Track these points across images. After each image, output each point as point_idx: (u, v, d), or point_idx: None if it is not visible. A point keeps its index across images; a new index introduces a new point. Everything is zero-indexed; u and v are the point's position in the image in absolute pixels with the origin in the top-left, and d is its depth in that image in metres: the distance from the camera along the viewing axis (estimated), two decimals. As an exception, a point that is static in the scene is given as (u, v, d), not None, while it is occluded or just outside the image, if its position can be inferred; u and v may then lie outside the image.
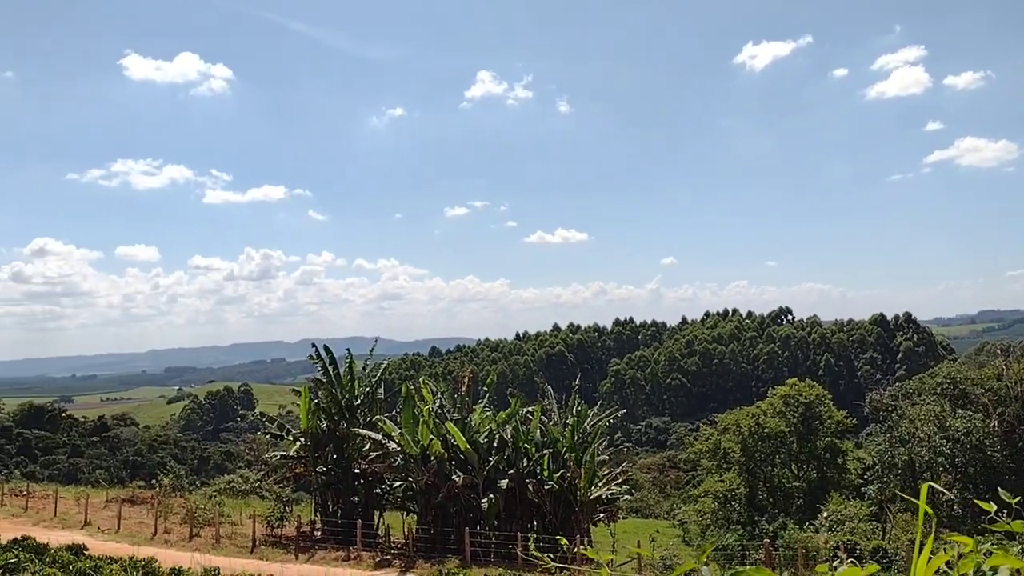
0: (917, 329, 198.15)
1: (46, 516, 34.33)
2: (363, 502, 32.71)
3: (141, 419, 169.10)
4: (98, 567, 14.33)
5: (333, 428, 32.68)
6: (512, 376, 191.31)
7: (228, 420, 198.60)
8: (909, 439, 46.74)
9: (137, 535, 30.98)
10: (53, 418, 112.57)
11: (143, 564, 18.29)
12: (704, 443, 61.02)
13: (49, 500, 36.96)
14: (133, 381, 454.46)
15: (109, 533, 31.13)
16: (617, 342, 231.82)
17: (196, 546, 28.97)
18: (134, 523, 33.04)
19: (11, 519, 33.42)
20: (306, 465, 33.17)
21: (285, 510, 33.48)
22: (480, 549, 27.56)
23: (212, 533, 30.94)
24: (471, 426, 30.35)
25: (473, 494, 28.70)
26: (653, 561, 24.92)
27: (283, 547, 29.87)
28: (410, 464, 29.70)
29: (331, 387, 33.09)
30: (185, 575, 15.03)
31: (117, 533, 31.17)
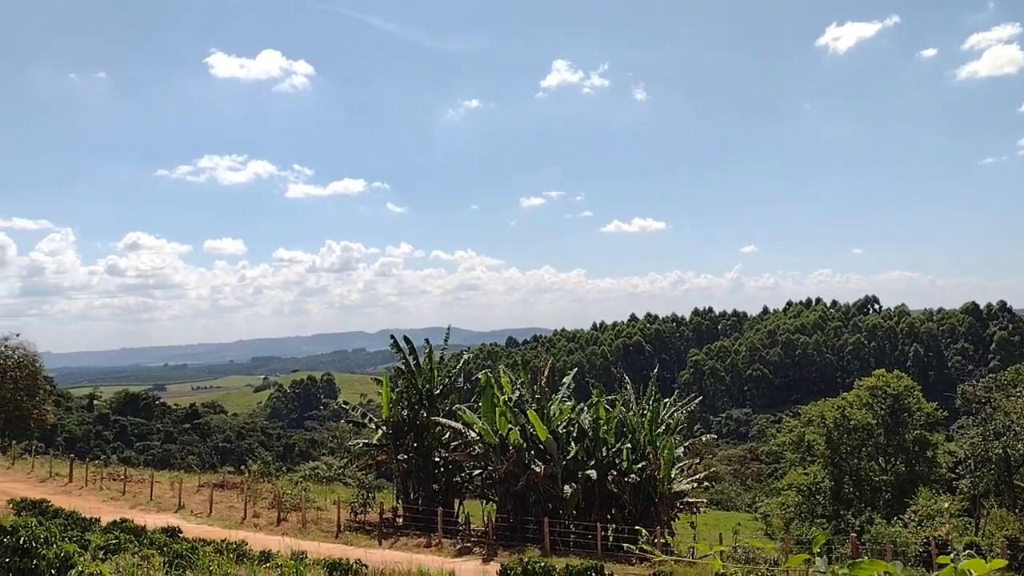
0: (1012, 318, 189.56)
1: (142, 500, 35.75)
2: (443, 490, 33.15)
3: (229, 407, 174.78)
4: (193, 549, 14.90)
5: (414, 417, 33.19)
6: (589, 366, 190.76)
7: (312, 408, 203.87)
8: (1004, 432, 44.83)
9: (228, 519, 32.05)
10: (147, 406, 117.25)
11: (235, 547, 18.90)
12: (787, 435, 59.82)
13: (145, 484, 38.50)
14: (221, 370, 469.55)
15: (201, 516, 32.28)
16: (696, 332, 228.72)
17: (284, 530, 29.80)
18: (225, 507, 34.18)
19: (110, 502, 34.90)
20: (388, 453, 33.76)
21: (368, 497, 34.18)
22: (560, 539, 27.64)
23: (299, 518, 31.79)
24: (550, 416, 30.40)
25: (552, 484, 28.77)
26: (736, 555, 24.57)
27: (366, 533, 30.50)
28: (489, 453, 29.95)
29: (411, 376, 33.59)
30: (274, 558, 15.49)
31: (209, 517, 32.30)
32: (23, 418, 59.75)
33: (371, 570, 14.66)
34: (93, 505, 31.75)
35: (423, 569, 16.51)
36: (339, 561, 13.57)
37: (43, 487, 37.11)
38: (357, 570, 13.35)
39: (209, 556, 14.26)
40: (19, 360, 60.09)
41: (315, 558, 19.17)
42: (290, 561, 10.91)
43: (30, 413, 60.13)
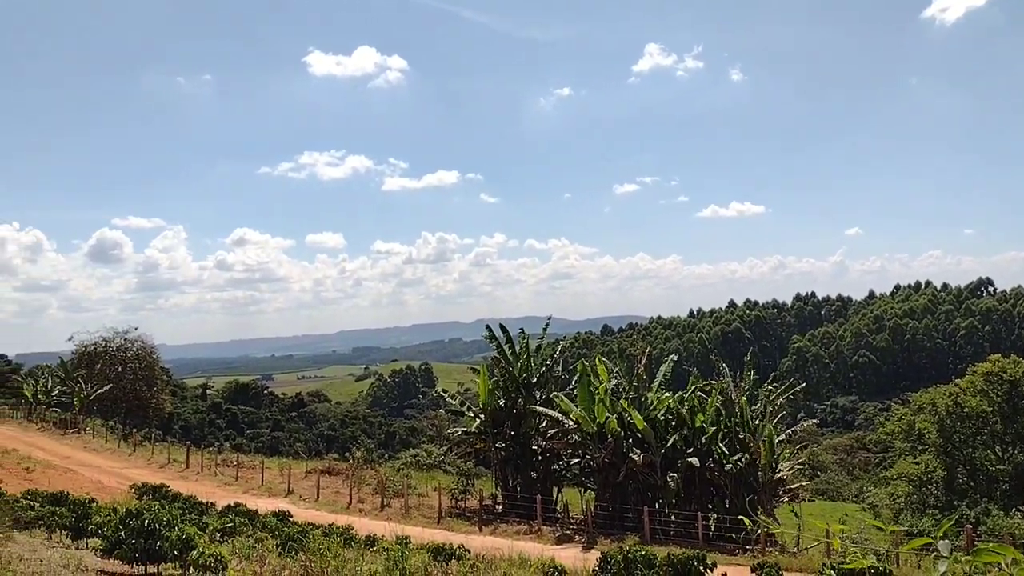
0: None
1: (254, 485, 37.23)
2: (541, 478, 33.36)
3: (333, 396, 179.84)
4: (304, 532, 15.51)
5: (511, 405, 33.48)
6: (686, 354, 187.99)
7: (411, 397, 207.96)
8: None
9: (334, 504, 33.10)
10: (256, 395, 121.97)
11: (341, 531, 19.55)
12: (896, 423, 57.74)
13: (256, 470, 40.07)
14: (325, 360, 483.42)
15: (309, 502, 33.42)
16: (798, 318, 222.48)
17: (387, 515, 30.58)
18: (331, 493, 35.29)
19: (224, 487, 36.48)
20: (486, 441, 34.19)
21: (468, 484, 34.70)
22: (659, 528, 27.47)
23: (401, 504, 32.55)
24: (647, 404, 30.19)
25: (651, 472, 28.60)
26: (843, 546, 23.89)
27: (467, 519, 31.00)
28: (587, 442, 29.97)
29: (508, 365, 33.89)
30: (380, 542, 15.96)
31: (316, 502, 33.41)
32: (143, 407, 63.11)
33: (473, 555, 14.93)
34: (208, 490, 33.30)
35: (524, 555, 16.71)
36: (443, 546, 13.87)
37: (162, 473, 39.08)
38: (460, 555, 13.63)
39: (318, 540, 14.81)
40: (138, 352, 63.43)
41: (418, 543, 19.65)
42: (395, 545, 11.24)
43: (149, 403, 63.46)
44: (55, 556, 11.92)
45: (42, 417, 57.50)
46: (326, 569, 9.57)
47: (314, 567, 9.53)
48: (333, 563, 9.86)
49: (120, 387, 59.97)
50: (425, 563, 11.57)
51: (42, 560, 11.31)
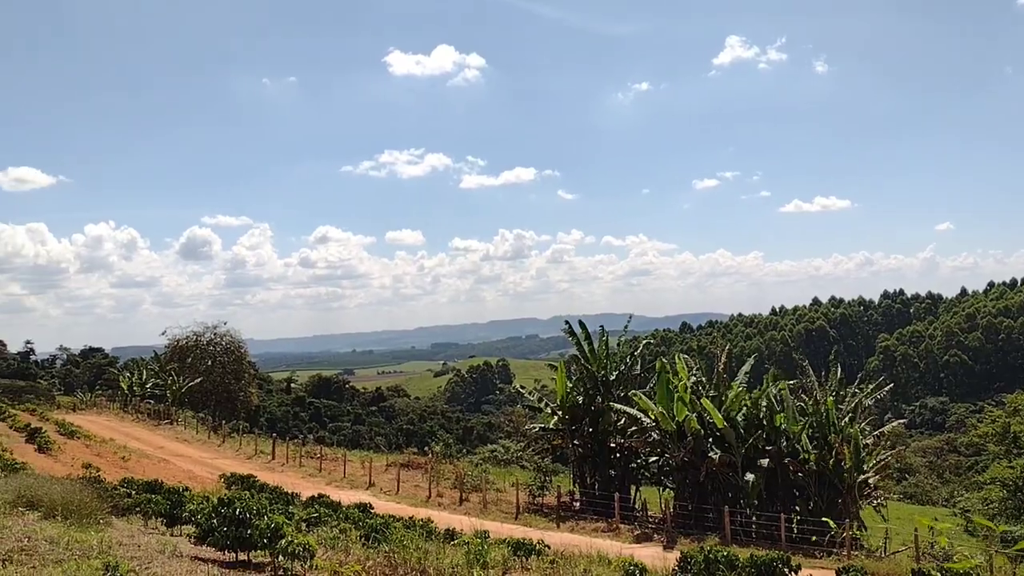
0: None
1: (336, 477, 38.09)
2: (619, 476, 33.20)
3: (412, 391, 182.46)
4: (386, 524, 15.80)
5: (589, 402, 33.42)
6: (768, 353, 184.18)
7: (488, 393, 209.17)
8: None
9: (414, 497, 33.61)
10: (338, 389, 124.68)
11: (422, 524, 19.86)
12: (990, 425, 55.38)
13: (339, 462, 40.99)
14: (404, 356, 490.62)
15: (390, 494, 34.01)
16: (885, 316, 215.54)
17: (466, 510, 30.89)
18: (411, 486, 35.85)
19: (308, 478, 37.42)
20: (563, 438, 34.22)
21: (545, 480, 34.78)
22: (740, 528, 27.04)
23: (479, 499, 32.84)
24: (728, 403, 29.73)
25: (731, 472, 28.17)
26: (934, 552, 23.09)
27: (544, 515, 31.07)
28: (666, 440, 29.70)
29: (586, 362, 33.82)
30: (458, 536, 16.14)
31: (397, 495, 33.98)
32: (231, 400, 65.23)
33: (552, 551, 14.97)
34: (293, 481, 34.22)
35: (602, 553, 16.67)
36: (522, 541, 13.97)
37: (250, 463, 40.31)
38: (540, 550, 13.69)
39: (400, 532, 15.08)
40: (227, 346, 65.60)
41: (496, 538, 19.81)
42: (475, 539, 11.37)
43: (237, 395, 65.56)
44: (151, 542, 12.44)
45: (137, 408, 60.03)
46: (409, 560, 9.76)
47: (397, 558, 9.72)
48: (416, 555, 10.04)
49: (210, 380, 62.13)
50: (505, 557, 11.67)
51: (139, 546, 11.81)
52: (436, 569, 9.68)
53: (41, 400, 63.41)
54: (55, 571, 8.91)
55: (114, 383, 73.24)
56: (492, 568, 10.62)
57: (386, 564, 9.65)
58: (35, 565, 9.21)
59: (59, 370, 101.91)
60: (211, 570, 10.04)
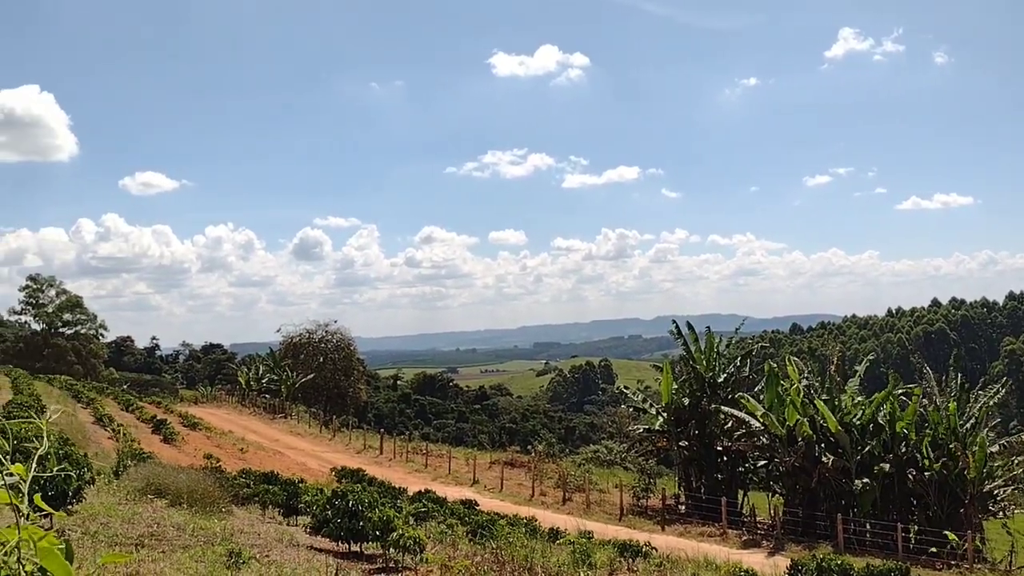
0: None
1: (441, 473, 38.71)
2: (726, 480, 32.54)
3: (514, 390, 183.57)
4: (491, 521, 16.00)
5: (695, 404, 32.88)
6: (884, 356, 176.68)
7: (590, 393, 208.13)
8: None
9: (517, 495, 33.83)
10: (443, 387, 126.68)
11: (525, 522, 20.00)
12: None
13: (443, 459, 41.66)
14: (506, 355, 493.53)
15: (493, 492, 34.33)
16: (1011, 318, 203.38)
17: (569, 510, 30.89)
18: (514, 484, 36.09)
19: (414, 474, 38.19)
20: (668, 439, 33.77)
21: (649, 482, 34.42)
22: (854, 537, 26.09)
23: (582, 499, 32.78)
24: (841, 407, 28.72)
25: (844, 479, 27.20)
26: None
27: (649, 517, 30.76)
28: (775, 444, 28.94)
29: (693, 363, 33.31)
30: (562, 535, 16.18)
31: (500, 492, 34.28)
32: (341, 395, 67.19)
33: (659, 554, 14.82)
34: (400, 476, 34.98)
35: (709, 558, 16.39)
36: (629, 542, 13.88)
37: (359, 458, 41.42)
38: (647, 552, 13.58)
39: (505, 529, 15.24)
40: (337, 343, 67.62)
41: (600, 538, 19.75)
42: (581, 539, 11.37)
43: (347, 391, 67.50)
44: (270, 531, 12.97)
45: (253, 402, 62.58)
46: (516, 558, 9.85)
47: (504, 555, 9.83)
48: (523, 552, 10.12)
49: (321, 376, 64.16)
50: (611, 558, 11.63)
51: (259, 534, 12.34)
52: (543, 567, 9.74)
53: (165, 393, 66.94)
54: (183, 556, 9.40)
55: (232, 378, 76.60)
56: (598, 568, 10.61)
57: (493, 560, 9.77)
58: (164, 550, 9.75)
59: (182, 365, 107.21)
60: (327, 560, 10.40)
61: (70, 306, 78.56)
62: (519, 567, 9.52)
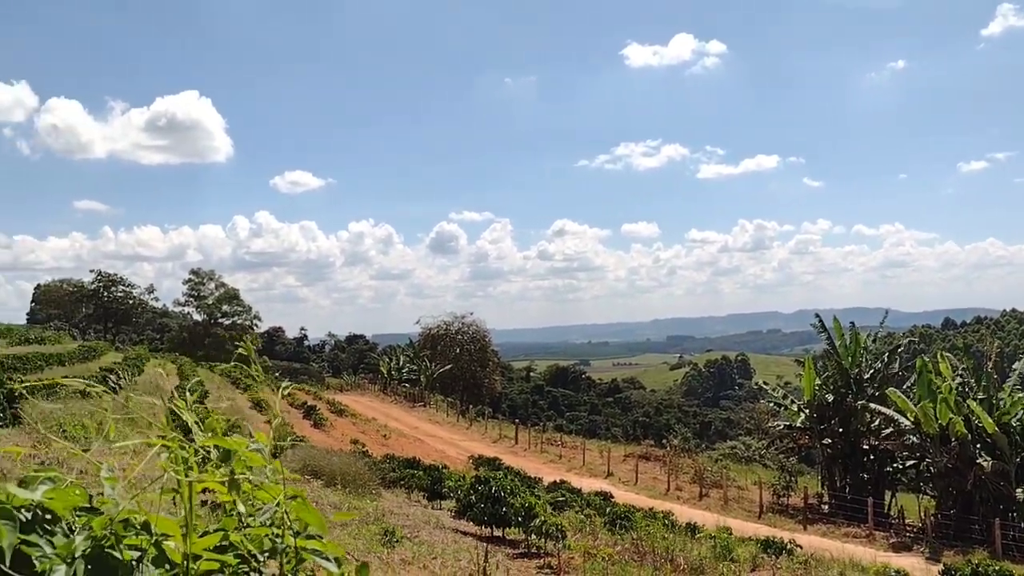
0: None
1: (575, 464, 39.01)
2: (873, 479, 31.31)
3: (647, 383, 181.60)
4: (628, 513, 16.10)
5: (839, 401, 31.79)
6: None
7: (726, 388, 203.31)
8: None
9: (652, 489, 33.70)
10: (575, 379, 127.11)
11: (662, 516, 19.98)
12: None
13: (577, 451, 41.96)
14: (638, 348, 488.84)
15: (628, 485, 34.32)
16: None
17: (706, 505, 30.54)
18: (649, 478, 35.95)
19: (549, 464, 38.64)
20: (811, 437, 32.80)
21: (790, 480, 33.56)
22: (1013, 543, 24.57)
23: (720, 495, 32.31)
24: (999, 406, 27.06)
25: (1003, 482, 25.65)
26: None
27: (790, 516, 30.01)
28: (926, 444, 27.61)
29: (837, 358, 32.20)
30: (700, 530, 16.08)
31: (635, 485, 34.23)
32: (477, 386, 68.68)
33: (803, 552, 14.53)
34: (535, 465, 35.50)
35: (855, 559, 15.92)
36: (772, 539, 13.70)
37: (495, 447, 42.30)
38: (791, 549, 13.37)
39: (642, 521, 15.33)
40: (473, 335, 69.14)
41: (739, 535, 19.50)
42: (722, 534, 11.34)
43: (482, 382, 68.92)
44: (417, 513, 13.60)
45: (394, 391, 64.94)
46: (657, 549, 9.97)
47: (645, 546, 9.97)
48: (663, 544, 10.23)
49: (458, 366, 65.76)
50: (753, 554, 11.54)
51: (407, 515, 12.97)
52: (685, 559, 9.82)
53: (313, 381, 70.25)
54: (341, 533, 10.04)
55: (374, 367, 79.55)
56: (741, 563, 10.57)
57: (634, 551, 9.93)
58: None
59: (327, 354, 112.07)
60: (472, 542, 10.85)
61: (228, 298, 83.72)
62: (660, 558, 9.64)
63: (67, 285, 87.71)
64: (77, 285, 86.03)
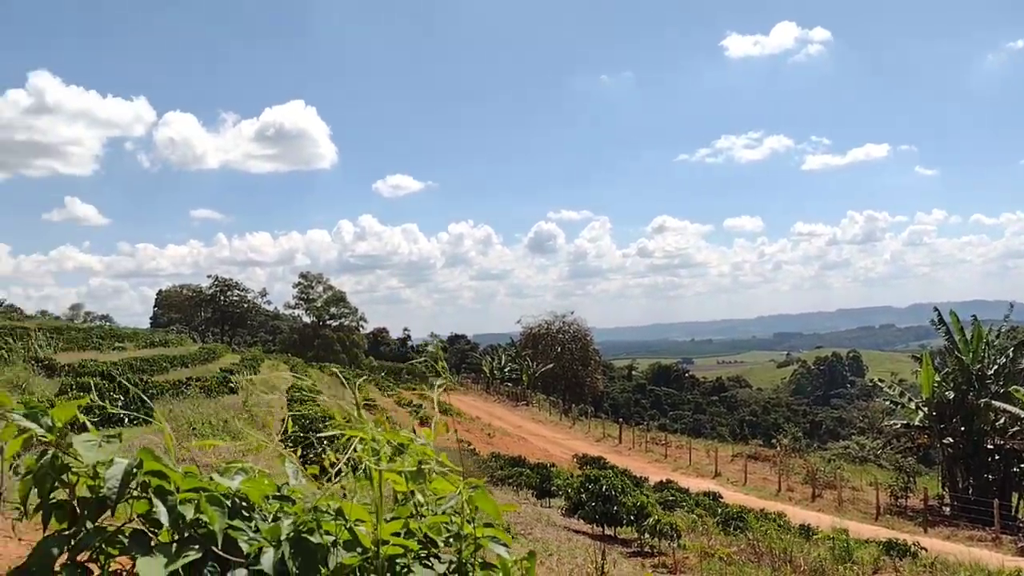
0: None
1: (682, 464, 38.53)
2: (999, 481, 29.78)
3: (753, 381, 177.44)
4: (740, 514, 15.84)
5: (960, 398, 30.39)
6: None
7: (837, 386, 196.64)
8: None
9: (762, 490, 32.98)
10: (678, 378, 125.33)
11: (774, 517, 19.56)
12: None
13: (683, 450, 41.43)
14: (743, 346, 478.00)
15: (737, 485, 33.68)
16: None
17: (819, 507, 29.69)
18: (758, 478, 35.19)
19: (654, 464, 38.30)
20: (930, 436, 31.50)
21: (908, 481, 32.30)
22: None
23: (834, 496, 31.35)
24: None
25: None
26: None
27: (909, 518, 28.87)
28: (1059, 444, 26.11)
29: (958, 354, 30.80)
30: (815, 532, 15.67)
31: (744, 486, 33.56)
32: (579, 385, 68.67)
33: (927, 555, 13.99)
34: (640, 465, 35.24)
35: (981, 563, 15.22)
36: (895, 541, 13.26)
37: (598, 446, 42.20)
38: (915, 552, 12.90)
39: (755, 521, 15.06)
40: (574, 334, 69.16)
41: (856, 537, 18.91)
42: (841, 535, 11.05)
43: (584, 381, 68.84)
44: (527, 510, 13.75)
45: (497, 390, 65.56)
46: (774, 550, 9.81)
47: (762, 547, 9.83)
48: (780, 544, 10.06)
49: (560, 365, 65.93)
50: (875, 557, 11.20)
51: (518, 513, 13.12)
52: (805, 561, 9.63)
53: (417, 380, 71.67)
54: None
55: (476, 366, 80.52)
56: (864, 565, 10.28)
57: (750, 551, 9.79)
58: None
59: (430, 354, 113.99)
60: (584, 541, 10.91)
61: (335, 300, 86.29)
62: (778, 559, 9.48)
63: (186, 290, 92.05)
64: (196, 290, 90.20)
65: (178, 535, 1.58)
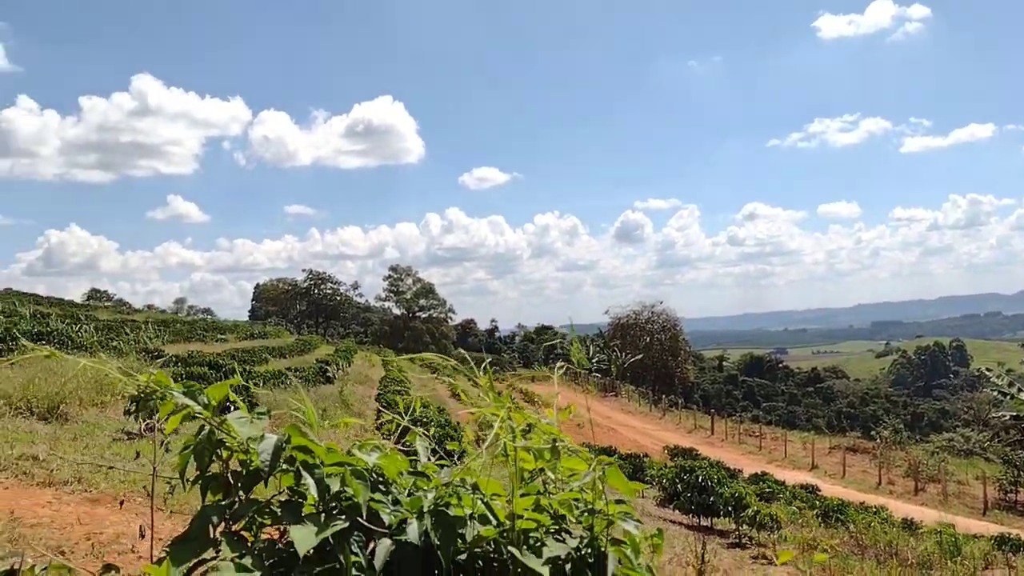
0: None
1: (776, 456, 37.74)
2: (1121, 477, 28.22)
3: (850, 372, 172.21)
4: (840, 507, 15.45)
5: (1076, 390, 28.89)
6: None
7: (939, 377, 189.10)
8: None
9: (861, 483, 32.04)
10: (771, 368, 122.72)
11: (876, 510, 18.99)
12: None
13: (778, 442, 40.56)
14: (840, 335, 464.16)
15: (835, 478, 32.82)
16: None
17: (922, 500, 28.70)
18: (857, 471, 34.21)
19: (747, 455, 37.62)
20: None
21: (1018, 475, 30.89)
22: None
23: (937, 490, 30.29)
24: None
25: None
26: None
27: (1019, 514, 27.69)
28: None
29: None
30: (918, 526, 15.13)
31: (842, 479, 32.68)
32: (669, 375, 67.98)
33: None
34: (733, 457, 34.68)
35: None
36: (1007, 536, 12.74)
37: (690, 437, 41.73)
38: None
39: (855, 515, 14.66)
40: (663, 324, 68.48)
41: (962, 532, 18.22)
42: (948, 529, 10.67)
43: (674, 371, 68.11)
44: (622, 500, 13.72)
45: (586, 380, 65.46)
46: (879, 543, 9.56)
47: (866, 540, 9.59)
48: (885, 538, 9.79)
49: (649, 356, 65.39)
50: (985, 551, 10.78)
51: (612, 502, 13.13)
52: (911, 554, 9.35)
53: (505, 371, 72.23)
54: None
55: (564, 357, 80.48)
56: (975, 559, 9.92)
57: (853, 544, 9.56)
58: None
59: (517, 345, 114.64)
60: (681, 531, 10.84)
61: (424, 292, 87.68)
62: (883, 552, 9.23)
63: (282, 284, 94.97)
64: (291, 284, 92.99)
65: (323, 507, 1.68)
